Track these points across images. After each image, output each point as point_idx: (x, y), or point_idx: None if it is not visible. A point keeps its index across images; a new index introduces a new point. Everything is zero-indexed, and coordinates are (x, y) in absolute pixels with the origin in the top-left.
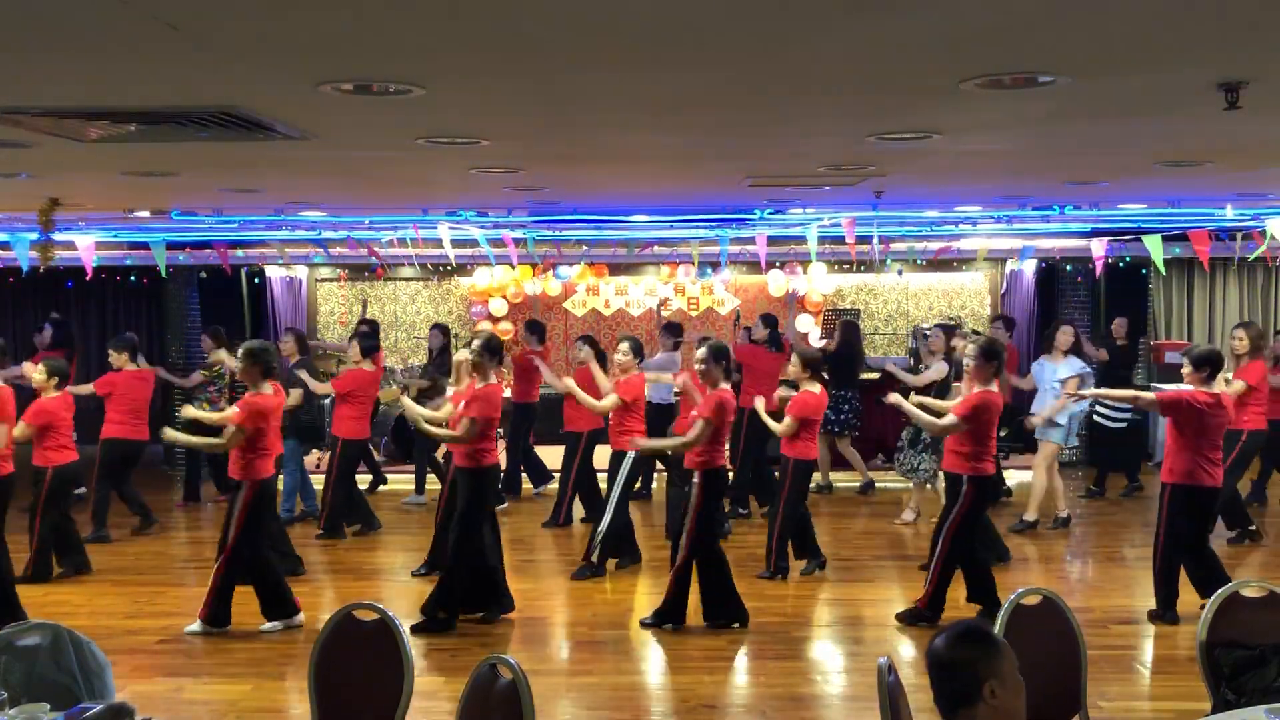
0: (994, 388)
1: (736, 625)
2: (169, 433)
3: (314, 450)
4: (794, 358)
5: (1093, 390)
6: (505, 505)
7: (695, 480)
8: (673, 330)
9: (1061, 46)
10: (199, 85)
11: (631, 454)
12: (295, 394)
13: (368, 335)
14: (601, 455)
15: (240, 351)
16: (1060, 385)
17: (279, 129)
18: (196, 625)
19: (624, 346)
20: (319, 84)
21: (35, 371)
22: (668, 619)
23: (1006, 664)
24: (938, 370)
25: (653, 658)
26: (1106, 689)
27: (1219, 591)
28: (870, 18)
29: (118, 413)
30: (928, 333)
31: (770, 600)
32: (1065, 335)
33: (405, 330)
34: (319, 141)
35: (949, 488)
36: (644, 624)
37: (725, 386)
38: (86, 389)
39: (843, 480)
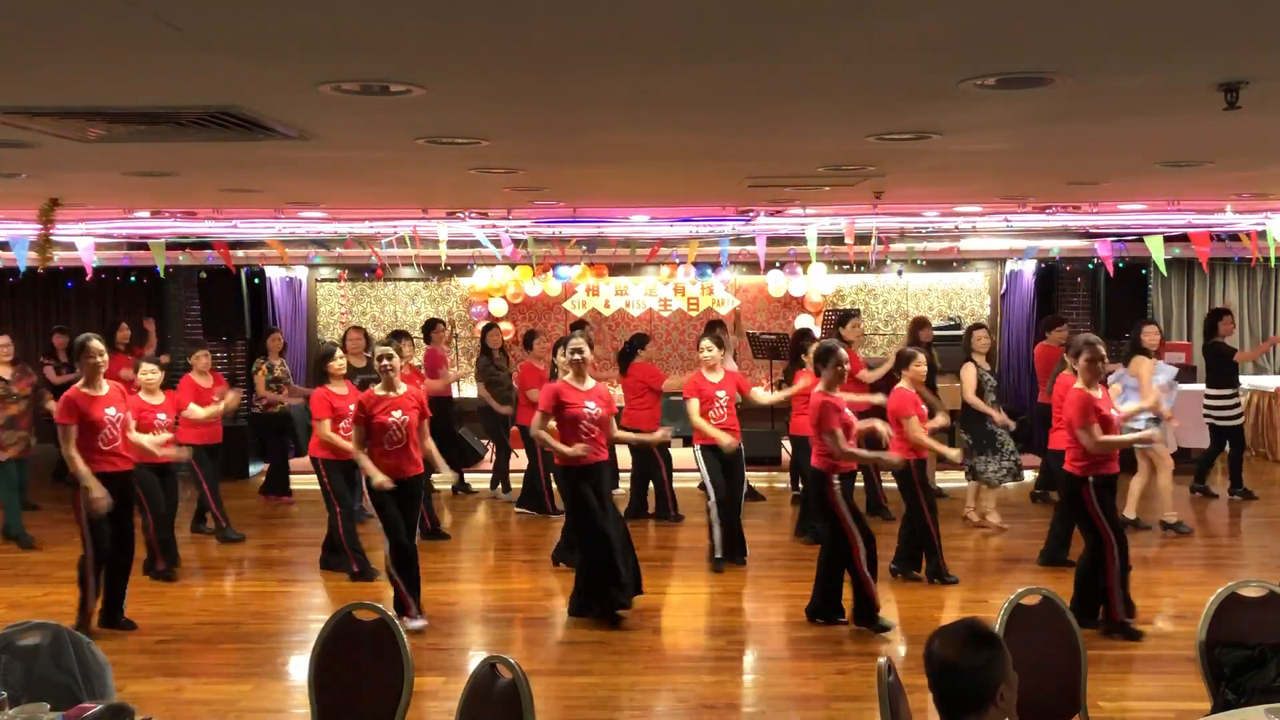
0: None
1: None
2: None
3: None
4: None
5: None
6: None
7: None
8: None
9: (1061, 46)
10: (199, 85)
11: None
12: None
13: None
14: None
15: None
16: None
17: (279, 129)
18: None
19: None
20: (319, 84)
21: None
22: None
23: (1010, 663)
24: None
25: (653, 658)
26: (1106, 689)
27: (1219, 591)
28: (870, 18)
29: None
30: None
31: (770, 600)
32: (1150, 336)
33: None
34: (319, 141)
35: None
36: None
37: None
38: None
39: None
